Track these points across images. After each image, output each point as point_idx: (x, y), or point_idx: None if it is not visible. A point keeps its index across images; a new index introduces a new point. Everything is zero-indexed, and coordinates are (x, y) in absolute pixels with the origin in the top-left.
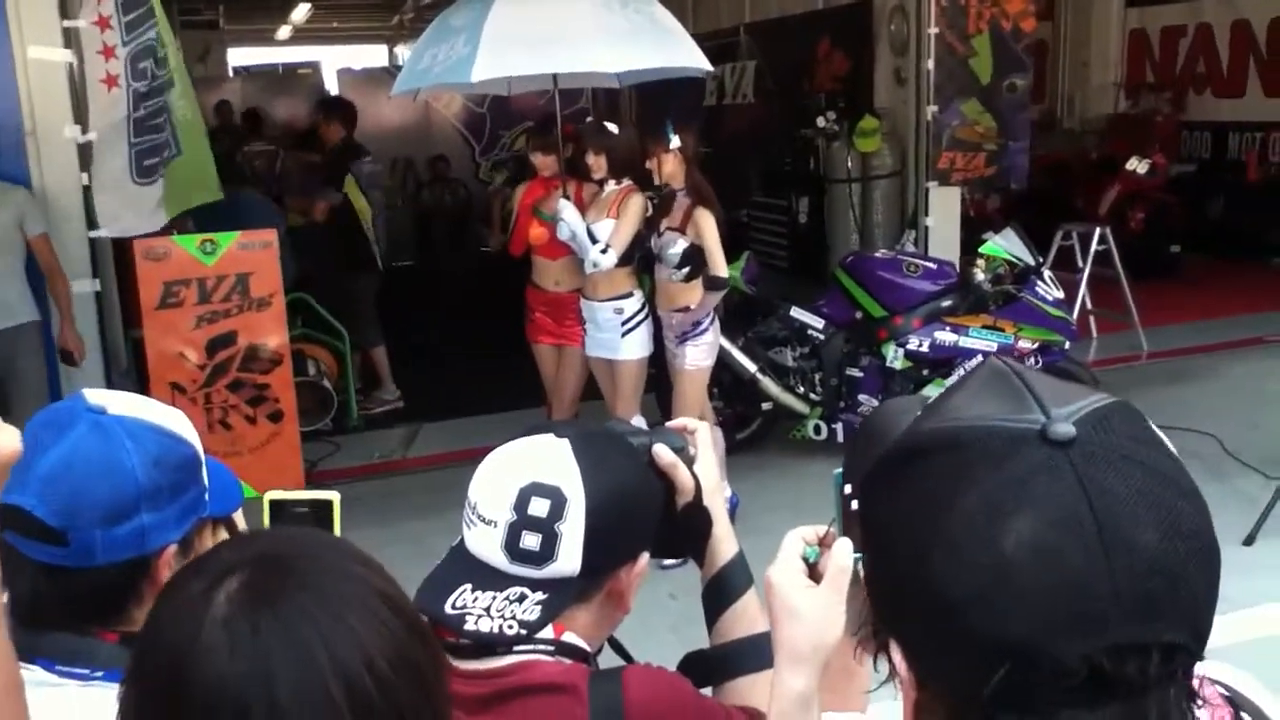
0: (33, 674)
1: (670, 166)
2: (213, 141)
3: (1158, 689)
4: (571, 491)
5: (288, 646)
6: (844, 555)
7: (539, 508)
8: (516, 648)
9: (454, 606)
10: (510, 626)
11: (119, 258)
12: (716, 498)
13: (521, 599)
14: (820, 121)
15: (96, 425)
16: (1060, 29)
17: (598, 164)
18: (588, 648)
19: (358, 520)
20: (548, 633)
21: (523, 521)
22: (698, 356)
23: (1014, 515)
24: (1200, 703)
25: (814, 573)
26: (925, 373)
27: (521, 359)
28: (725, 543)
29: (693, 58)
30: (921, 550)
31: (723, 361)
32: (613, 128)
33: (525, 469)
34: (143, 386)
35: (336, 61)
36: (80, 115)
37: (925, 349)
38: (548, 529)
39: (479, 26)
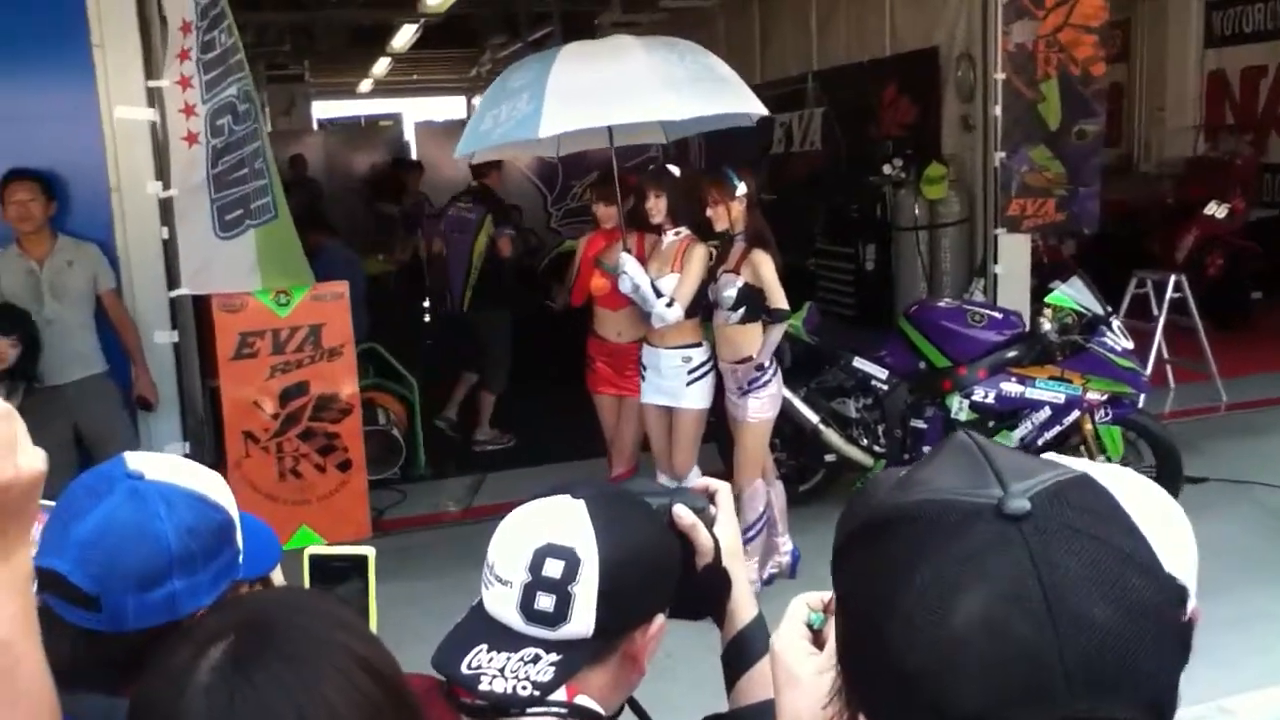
0: None
1: (735, 213)
2: (287, 193)
3: None
4: (585, 552)
5: (262, 716)
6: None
7: (553, 569)
8: (530, 709)
9: (469, 666)
10: (524, 688)
11: (198, 309)
12: (736, 560)
13: (535, 660)
14: (887, 169)
15: (133, 492)
16: (1136, 71)
17: (656, 206)
18: (602, 711)
19: (419, 570)
20: (560, 695)
21: (537, 583)
22: (760, 408)
23: (966, 590)
24: None
25: (818, 639)
26: (991, 424)
27: (587, 409)
28: (744, 605)
29: (749, 103)
30: (878, 623)
31: (785, 413)
32: (674, 170)
33: (541, 529)
34: (218, 435)
35: (416, 113)
36: (162, 172)
37: (991, 400)
38: (561, 590)
39: (542, 83)
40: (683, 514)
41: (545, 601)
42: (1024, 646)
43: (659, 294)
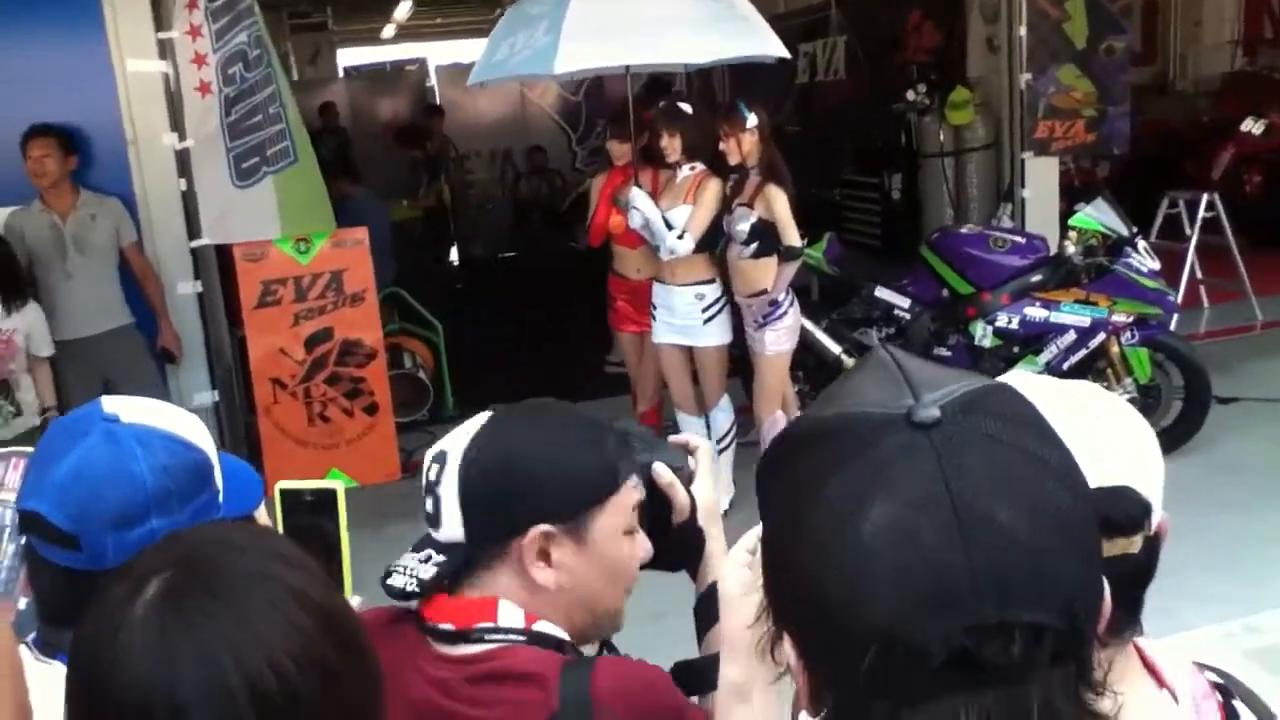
0: (54, 669)
1: (748, 146)
2: (317, 142)
3: (1040, 675)
4: (452, 458)
5: (193, 648)
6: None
7: (432, 473)
8: (488, 636)
9: (392, 566)
10: (411, 583)
11: (222, 259)
12: (711, 518)
13: (427, 559)
14: (911, 95)
15: (108, 434)
16: None
17: (671, 145)
18: (564, 635)
19: None
20: (518, 621)
21: (424, 486)
22: (777, 341)
23: (874, 500)
24: (1106, 693)
25: None
26: (1016, 350)
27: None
28: (717, 560)
29: (769, 44)
30: (791, 540)
31: (807, 344)
32: (686, 108)
33: (446, 438)
34: (246, 383)
35: (441, 57)
36: (177, 123)
37: (1015, 326)
38: (434, 493)
39: (559, 15)
40: (661, 472)
41: (428, 504)
42: (931, 553)
43: (670, 227)
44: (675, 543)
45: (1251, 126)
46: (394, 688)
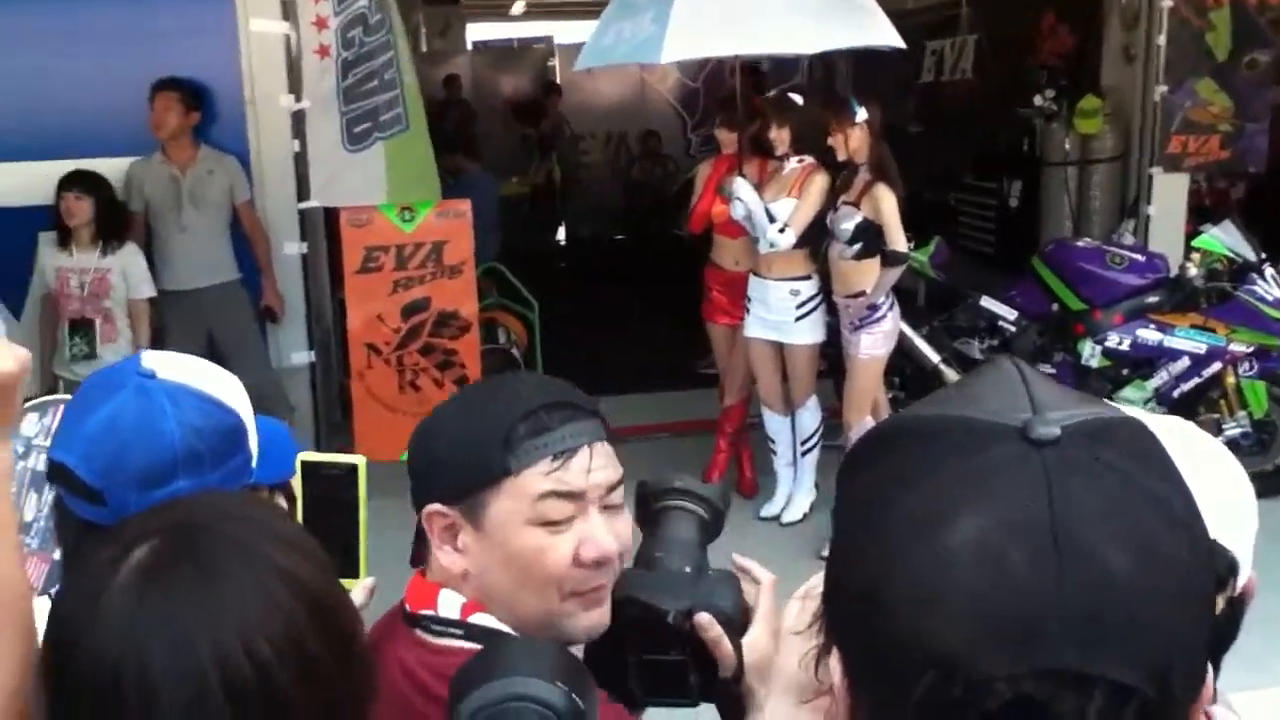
0: None
1: (856, 141)
2: (441, 114)
3: None
4: None
5: (167, 623)
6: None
7: None
8: (434, 626)
9: None
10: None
11: (328, 223)
12: (763, 675)
13: None
14: (1038, 100)
15: (141, 389)
16: None
17: (780, 137)
18: (503, 627)
19: None
20: (455, 612)
21: None
22: (873, 345)
23: (965, 510)
24: None
25: None
26: (1125, 373)
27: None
28: None
29: (884, 35)
30: (862, 544)
31: (905, 350)
32: (796, 99)
33: None
34: (343, 346)
35: (567, 35)
36: (294, 85)
37: (1126, 347)
38: None
39: (667, 4)
40: (706, 625)
41: None
42: (1018, 580)
43: (772, 219)
44: (717, 698)
45: None
46: (380, 661)
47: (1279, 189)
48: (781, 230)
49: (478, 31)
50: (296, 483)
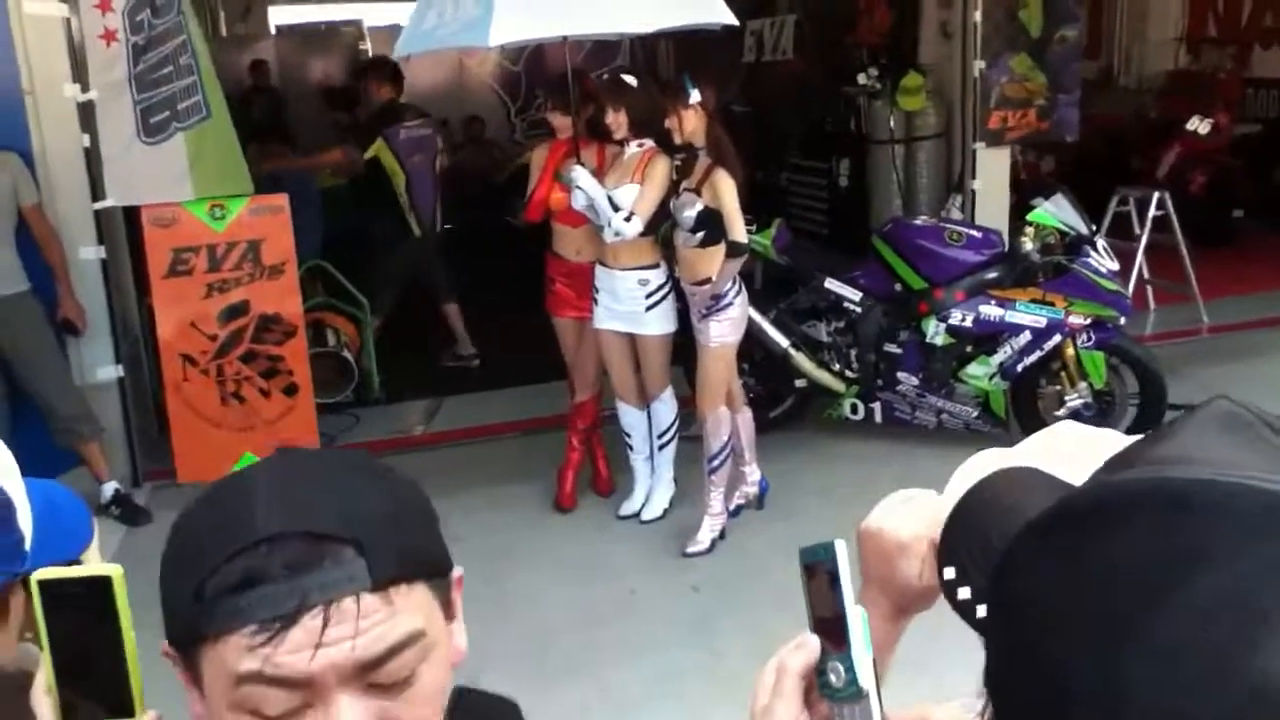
0: None
1: (691, 123)
2: (248, 102)
3: None
4: None
5: None
6: (800, 660)
7: None
8: None
9: None
10: None
11: (129, 223)
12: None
13: None
14: (862, 78)
15: None
16: None
17: (617, 121)
18: None
19: None
20: None
21: None
22: (722, 332)
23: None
24: None
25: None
26: (969, 349)
27: (548, 330)
28: None
29: (716, 11)
30: (1105, 650)
31: (753, 336)
32: (631, 81)
33: None
34: (154, 358)
35: (378, 18)
36: (79, 74)
37: (969, 324)
38: None
39: None
40: None
41: None
42: None
43: (616, 207)
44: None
45: (1197, 126)
46: None
47: (1086, 159)
48: (627, 219)
49: (282, 15)
50: (93, 552)
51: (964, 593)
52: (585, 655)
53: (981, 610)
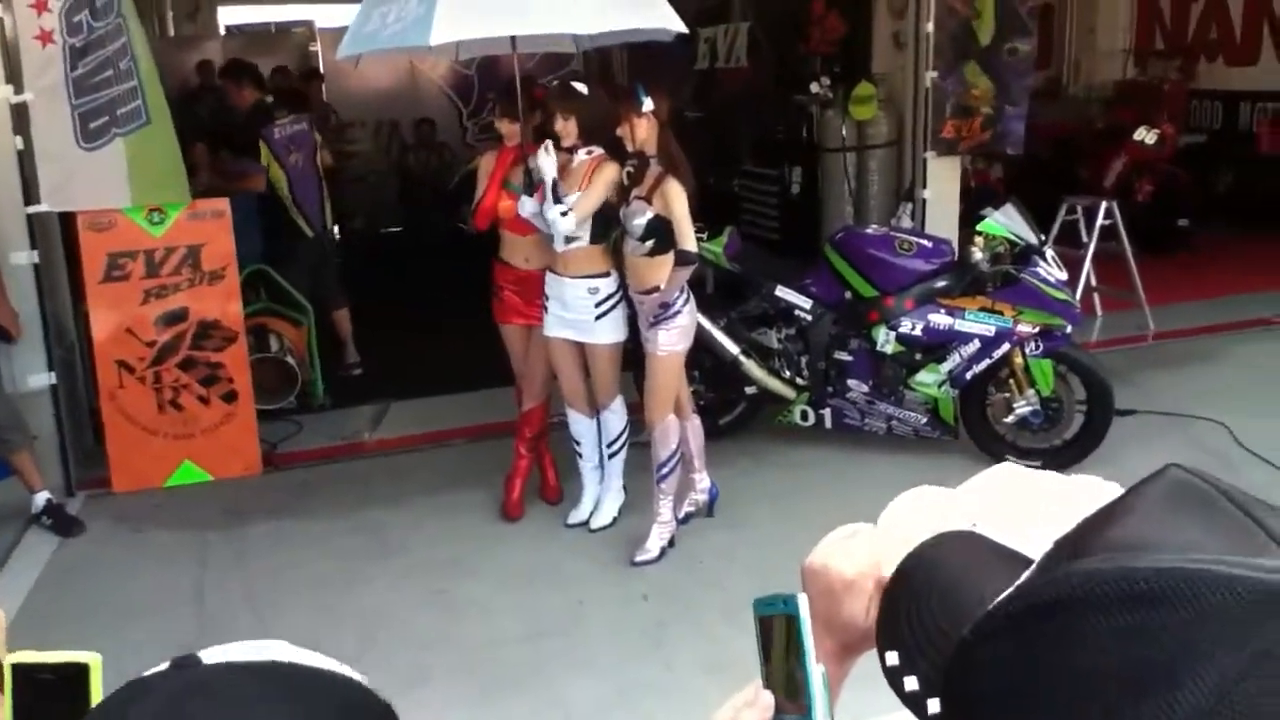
0: None
1: (643, 132)
2: (194, 101)
3: None
4: None
5: None
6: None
7: None
8: None
9: None
10: None
11: (64, 228)
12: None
13: None
14: (814, 87)
15: None
16: None
17: (566, 129)
18: None
19: (316, 510)
20: None
21: None
22: (671, 340)
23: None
24: None
25: None
26: (918, 357)
27: (496, 335)
28: None
29: (664, 18)
30: None
31: (704, 343)
32: (581, 88)
33: None
34: (90, 365)
35: (329, 19)
36: (12, 75)
37: (918, 332)
38: None
39: None
40: None
41: None
42: None
43: (559, 200)
44: None
45: (1144, 136)
46: None
47: (1034, 168)
48: (564, 214)
49: (231, 15)
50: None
51: (911, 683)
52: (534, 666)
53: (933, 706)
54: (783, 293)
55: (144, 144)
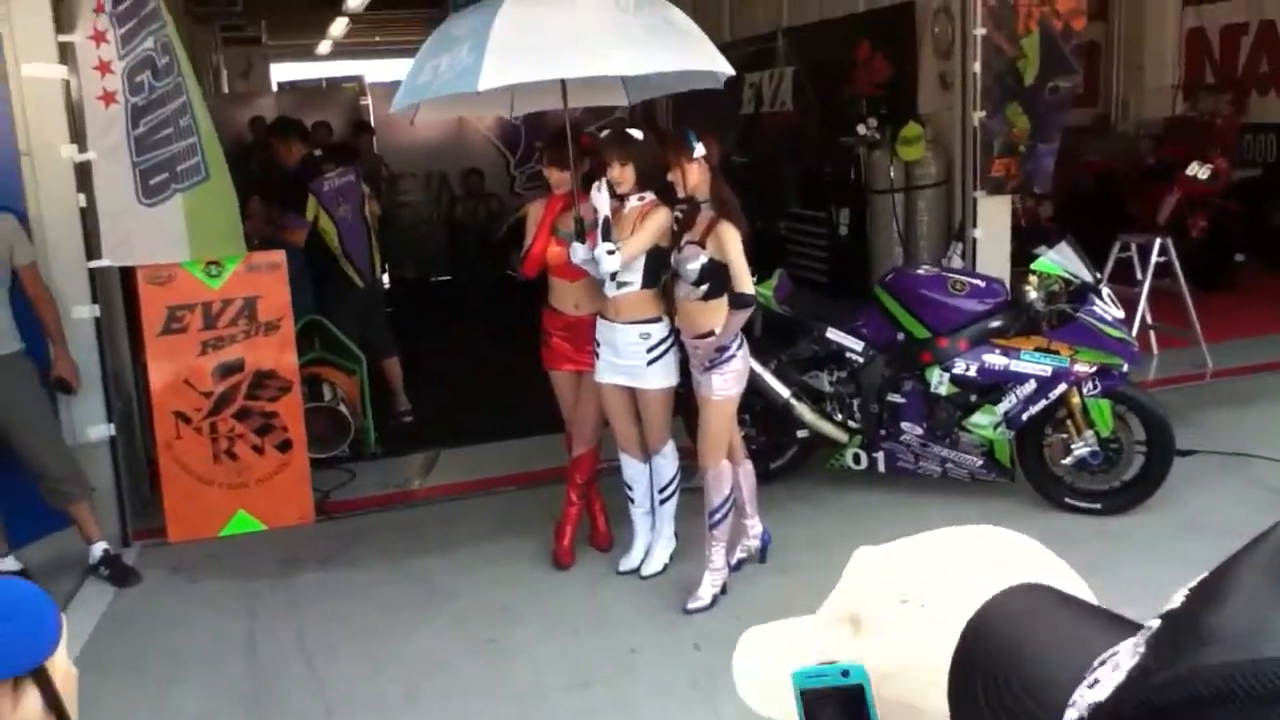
0: None
1: (695, 177)
2: (248, 157)
3: None
4: None
5: None
6: None
7: None
8: None
9: None
10: None
11: (124, 281)
12: None
13: None
14: (861, 129)
15: None
16: (1114, 29)
17: (623, 175)
18: None
19: (368, 558)
20: None
21: None
22: (725, 385)
23: None
24: None
25: None
26: (973, 398)
27: (545, 382)
28: None
29: (713, 61)
30: None
31: (754, 387)
32: (637, 134)
33: None
34: (147, 416)
35: (379, 75)
36: (77, 134)
37: (973, 373)
38: None
39: (485, 32)
40: None
41: None
42: None
43: (609, 237)
44: None
45: (1197, 171)
46: None
47: (1084, 205)
48: (611, 251)
49: (283, 72)
50: (60, 658)
51: None
52: (583, 715)
53: None
54: (834, 335)
55: (202, 199)
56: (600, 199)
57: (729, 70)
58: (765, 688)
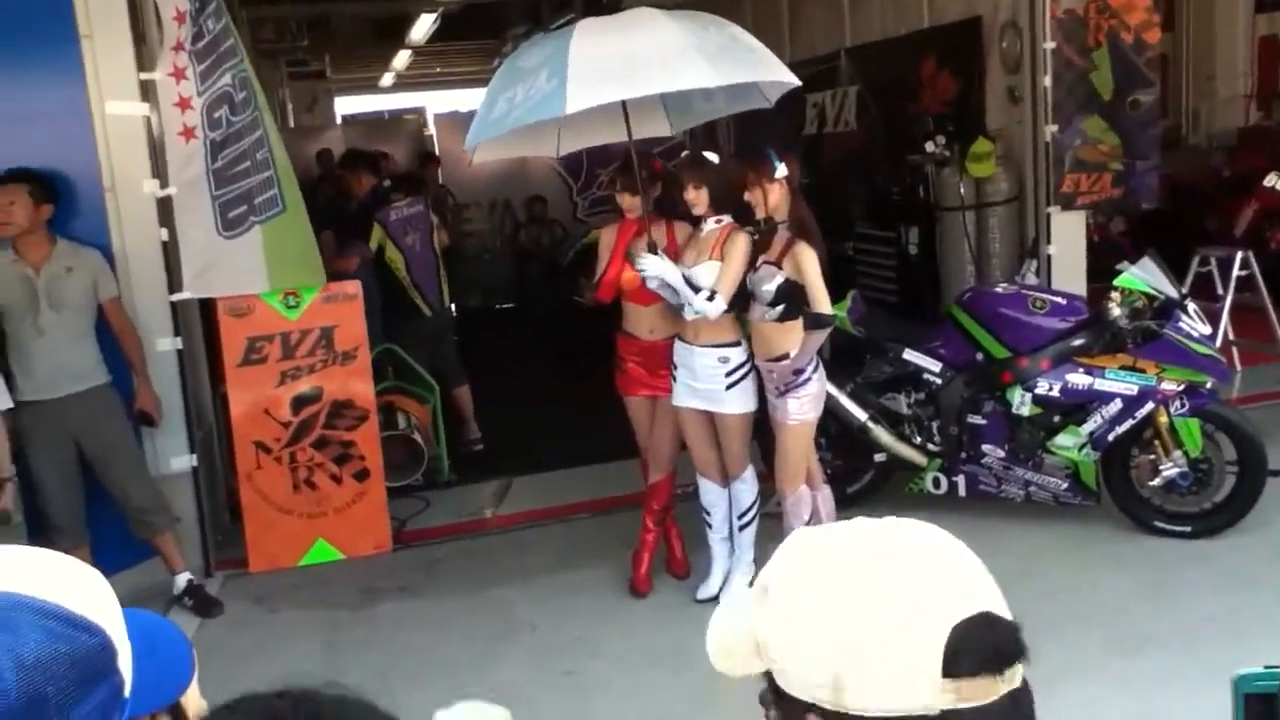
0: None
1: (776, 197)
2: (315, 190)
3: None
4: None
5: None
6: None
7: None
8: None
9: None
10: None
11: (204, 313)
12: None
13: None
14: (929, 146)
15: None
16: (1183, 40)
17: (699, 198)
18: None
19: (444, 587)
20: None
21: None
22: (801, 409)
23: None
24: None
25: None
26: (1056, 419)
27: (618, 408)
28: None
29: (782, 72)
30: None
31: (830, 410)
32: (713, 157)
33: None
34: (228, 446)
35: (441, 106)
36: (158, 170)
37: (1056, 393)
38: None
39: (562, 58)
40: None
41: None
42: None
43: (696, 288)
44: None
45: (1275, 182)
46: None
47: (1156, 219)
48: (710, 298)
49: (347, 105)
50: (192, 695)
51: None
52: None
53: None
54: (911, 355)
55: (280, 231)
56: (657, 266)
57: (795, 81)
58: (723, 649)
